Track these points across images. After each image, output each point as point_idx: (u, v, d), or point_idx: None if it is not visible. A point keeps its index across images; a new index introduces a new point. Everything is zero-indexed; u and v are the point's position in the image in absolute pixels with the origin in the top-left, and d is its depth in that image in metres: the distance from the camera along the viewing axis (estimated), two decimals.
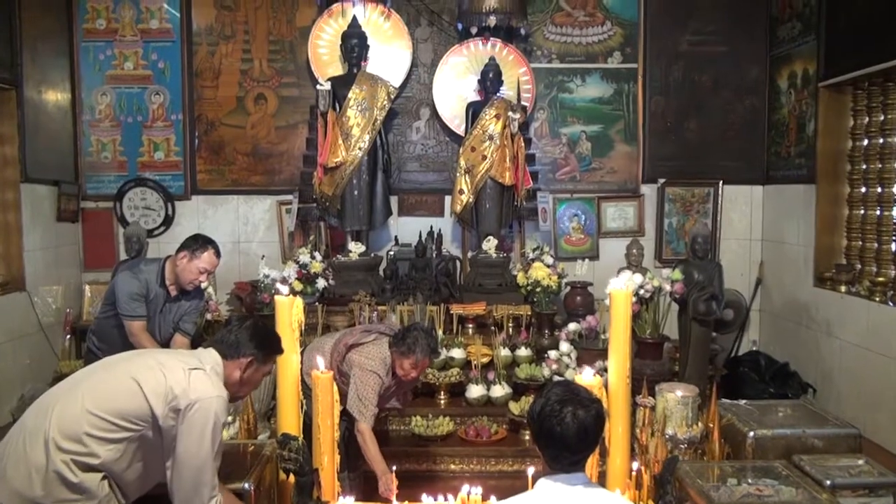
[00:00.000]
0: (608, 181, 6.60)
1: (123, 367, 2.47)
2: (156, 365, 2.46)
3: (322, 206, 5.83)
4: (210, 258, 3.88)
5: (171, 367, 2.46)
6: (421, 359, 3.55)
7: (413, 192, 6.51)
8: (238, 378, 2.62)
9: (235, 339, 2.63)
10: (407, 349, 3.55)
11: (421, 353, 3.54)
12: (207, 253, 3.87)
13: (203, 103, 6.47)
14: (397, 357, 3.58)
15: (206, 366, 2.53)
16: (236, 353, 2.62)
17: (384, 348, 3.64)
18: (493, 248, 5.85)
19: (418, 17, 6.46)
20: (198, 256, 3.85)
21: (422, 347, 3.54)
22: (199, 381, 2.45)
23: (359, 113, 5.73)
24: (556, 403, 2.15)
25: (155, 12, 6.42)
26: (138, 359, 2.54)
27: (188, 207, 6.48)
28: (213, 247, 3.90)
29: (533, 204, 6.05)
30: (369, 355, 3.61)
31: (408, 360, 3.55)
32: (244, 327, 2.66)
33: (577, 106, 6.57)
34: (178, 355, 2.58)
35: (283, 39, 6.48)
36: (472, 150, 5.86)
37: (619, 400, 2.98)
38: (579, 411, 2.14)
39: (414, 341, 3.55)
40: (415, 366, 3.57)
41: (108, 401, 2.37)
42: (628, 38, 6.55)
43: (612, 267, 5.89)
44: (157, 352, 2.67)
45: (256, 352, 2.65)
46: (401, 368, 3.59)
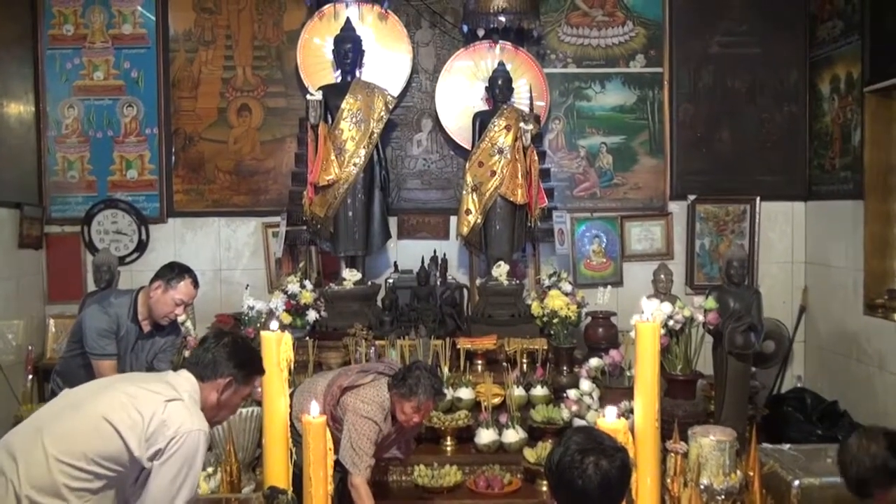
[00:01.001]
0: (632, 198, 6.61)
1: (91, 407, 2.45)
2: (128, 401, 2.45)
3: (313, 229, 5.84)
4: (187, 288, 3.90)
5: (145, 401, 2.45)
6: (424, 401, 3.54)
7: (414, 213, 6.53)
8: (215, 401, 2.62)
9: (212, 359, 2.63)
10: (408, 391, 3.53)
11: (424, 394, 3.52)
12: (184, 283, 3.89)
13: (181, 116, 6.51)
14: (397, 400, 3.57)
15: (182, 394, 2.52)
16: (213, 373, 2.62)
17: (382, 390, 3.62)
18: (504, 275, 5.85)
19: (419, 18, 6.51)
20: (173, 287, 3.87)
21: (424, 388, 3.52)
22: (178, 414, 2.45)
23: (353, 125, 5.76)
24: (577, 453, 2.14)
25: (128, 16, 6.49)
26: (106, 395, 2.52)
27: (164, 231, 6.50)
28: (190, 276, 3.92)
29: (548, 224, 6.06)
30: (365, 399, 3.59)
31: (409, 403, 3.54)
32: (222, 345, 2.66)
33: (597, 115, 6.60)
34: (150, 384, 2.57)
35: (269, 45, 6.53)
36: (480, 165, 5.88)
37: (647, 446, 2.96)
38: (602, 462, 2.13)
39: (416, 382, 3.53)
40: (417, 409, 3.56)
41: (78, 445, 2.36)
42: (652, 40, 6.59)
43: (638, 294, 5.84)
44: (126, 383, 2.66)
45: (236, 371, 2.65)
46: (402, 413, 3.57)
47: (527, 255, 6.34)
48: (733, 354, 4.94)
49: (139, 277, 6.02)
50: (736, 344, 4.91)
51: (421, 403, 3.54)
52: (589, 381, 4.97)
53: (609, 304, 5.88)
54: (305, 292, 5.61)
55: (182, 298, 3.89)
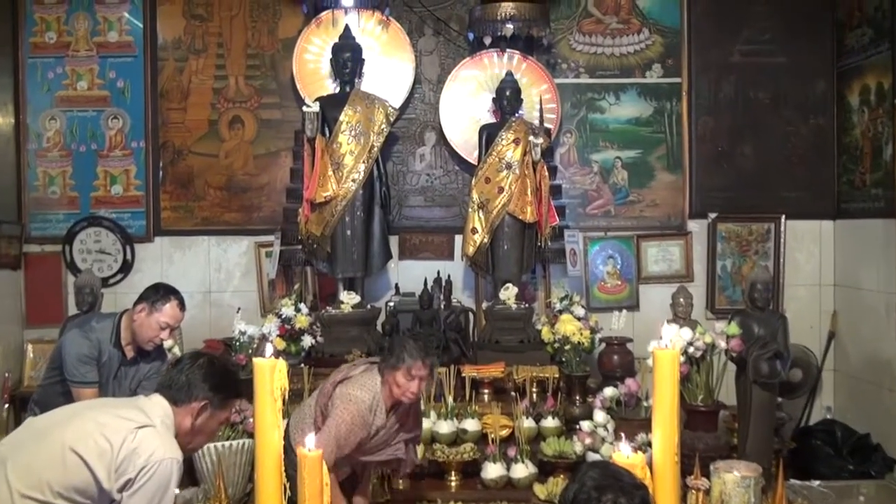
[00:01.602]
0: (649, 216, 6.62)
1: (58, 436, 2.44)
2: (95, 429, 2.44)
3: (309, 249, 5.85)
4: (173, 311, 3.90)
5: (114, 429, 2.44)
6: (412, 364, 3.66)
7: (417, 232, 6.54)
8: (189, 426, 2.61)
9: (186, 381, 2.64)
10: (396, 360, 3.68)
11: (410, 357, 3.66)
12: (169, 305, 3.89)
13: (169, 128, 6.54)
14: (390, 375, 3.70)
15: (154, 420, 2.51)
16: (188, 396, 2.62)
17: (374, 376, 3.76)
18: (512, 298, 5.84)
19: (422, 25, 6.55)
20: (158, 309, 3.87)
21: (410, 352, 3.67)
22: (150, 442, 2.44)
23: (352, 138, 5.78)
24: (594, 490, 2.13)
25: (114, 23, 6.54)
26: (73, 423, 2.52)
27: (150, 251, 6.52)
28: (176, 297, 3.92)
29: (559, 244, 6.06)
30: (355, 384, 3.73)
31: (399, 372, 3.67)
32: (196, 366, 2.67)
33: (611, 128, 6.62)
34: (120, 410, 2.57)
35: (263, 53, 6.57)
36: (487, 181, 5.89)
37: (666, 482, 2.94)
38: (621, 499, 2.11)
39: (401, 349, 3.69)
40: (409, 375, 3.67)
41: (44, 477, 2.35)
42: (670, 48, 6.62)
43: (656, 319, 5.83)
44: (94, 410, 2.66)
45: (211, 395, 2.65)
46: (397, 387, 3.69)
47: (536, 276, 6.34)
48: (758, 384, 4.92)
49: (124, 300, 6.03)
50: (761, 372, 4.90)
51: (411, 367, 3.66)
52: (603, 411, 4.95)
53: (625, 330, 5.87)
54: (301, 316, 5.61)
55: (167, 321, 3.89)
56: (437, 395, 5.24)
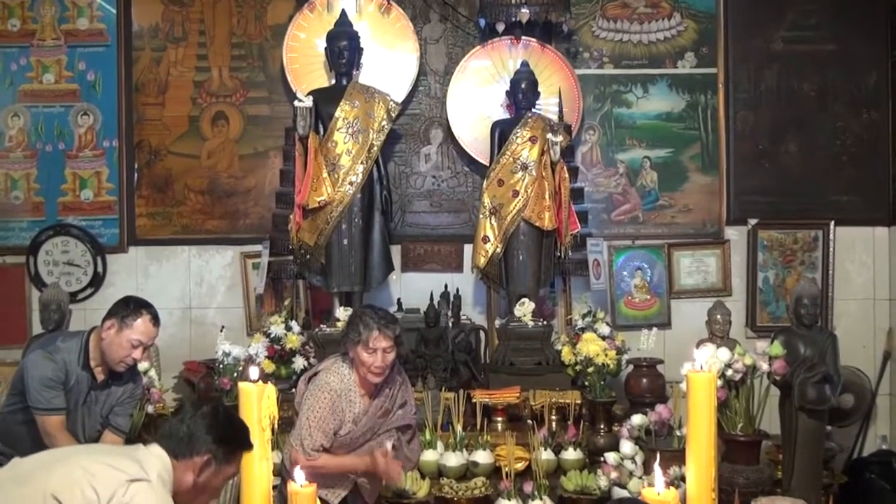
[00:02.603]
0: (681, 223, 6.61)
1: (41, 481, 2.45)
2: (83, 477, 2.44)
3: (301, 260, 5.85)
4: (145, 326, 3.90)
5: (103, 479, 2.44)
6: (369, 335, 3.77)
7: (421, 241, 6.55)
8: (191, 483, 2.62)
9: (188, 432, 2.64)
10: (355, 334, 3.81)
11: (367, 328, 3.78)
12: (141, 320, 3.89)
13: (145, 126, 6.57)
14: (354, 353, 3.82)
15: (150, 473, 2.51)
16: (189, 450, 2.62)
17: (341, 363, 3.93)
18: (528, 315, 5.84)
19: (427, 11, 6.57)
20: (128, 325, 3.87)
21: (366, 323, 3.80)
22: (143, 499, 2.43)
23: (349, 137, 5.80)
24: None
25: (84, 9, 6.57)
26: (59, 468, 2.53)
27: (124, 263, 6.53)
28: (148, 312, 3.92)
29: (582, 254, 6.06)
30: (324, 371, 3.90)
31: (360, 346, 3.79)
32: (199, 415, 2.67)
33: (638, 124, 6.63)
34: (113, 458, 2.57)
35: (249, 42, 6.60)
36: (500, 183, 5.90)
37: None
38: None
39: (356, 321, 3.85)
40: (369, 349, 3.77)
41: None
42: (704, 35, 6.62)
43: (689, 338, 5.83)
44: (83, 456, 2.68)
45: (215, 448, 2.65)
46: (363, 365, 3.81)
47: (556, 290, 6.33)
48: (805, 410, 4.90)
49: (94, 317, 5.97)
50: (808, 398, 4.88)
51: (368, 339, 3.76)
52: (631, 442, 4.94)
53: (655, 350, 5.85)
54: (291, 335, 5.61)
55: (139, 339, 3.88)
56: (445, 423, 5.23)
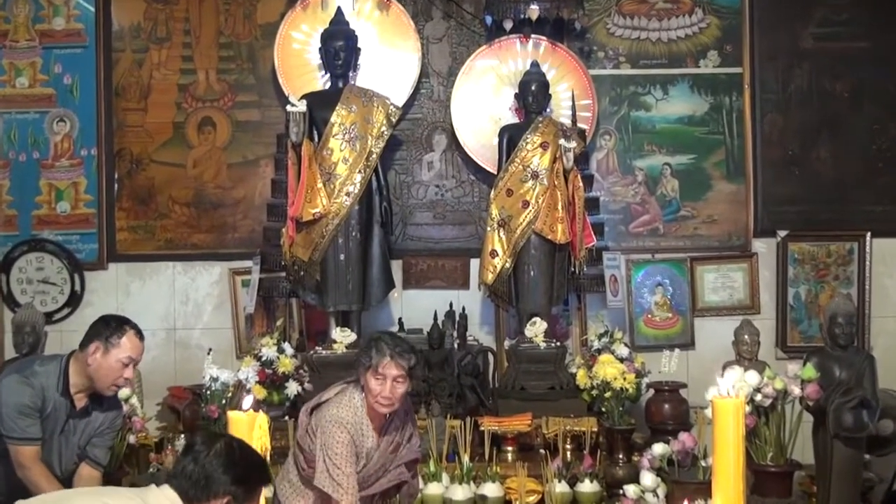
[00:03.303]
0: (705, 235, 6.62)
1: None
2: None
3: (294, 277, 5.86)
4: (133, 342, 3.90)
5: None
6: (380, 361, 3.78)
7: (424, 255, 6.56)
8: None
9: (204, 473, 2.61)
10: (366, 359, 3.81)
11: (379, 353, 3.78)
12: (126, 336, 3.89)
13: (126, 133, 6.58)
14: (365, 380, 3.82)
15: None
16: (206, 492, 2.60)
17: (352, 393, 3.90)
18: (540, 335, 5.84)
19: (429, 8, 6.60)
20: (115, 344, 3.87)
21: (379, 348, 3.80)
22: None
23: (346, 143, 5.81)
24: None
25: (60, 7, 6.59)
26: None
27: (103, 280, 6.55)
28: (131, 326, 3.93)
29: (597, 269, 6.06)
30: (334, 404, 3.88)
31: (369, 373, 3.79)
32: (214, 454, 2.64)
33: (658, 128, 6.64)
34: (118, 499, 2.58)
35: (238, 42, 6.63)
36: (509, 193, 5.90)
37: None
38: None
39: (371, 345, 3.85)
40: (380, 375, 3.78)
41: None
42: (728, 32, 6.64)
43: (715, 360, 5.84)
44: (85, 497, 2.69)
45: (234, 489, 2.63)
46: (371, 394, 3.81)
47: (570, 309, 6.34)
48: (840, 438, 4.90)
49: (71, 339, 5.95)
50: (844, 424, 4.88)
51: (378, 365, 3.77)
52: (652, 473, 4.94)
53: (677, 373, 5.83)
54: (284, 358, 5.60)
55: (129, 356, 3.88)
56: (451, 454, 5.23)
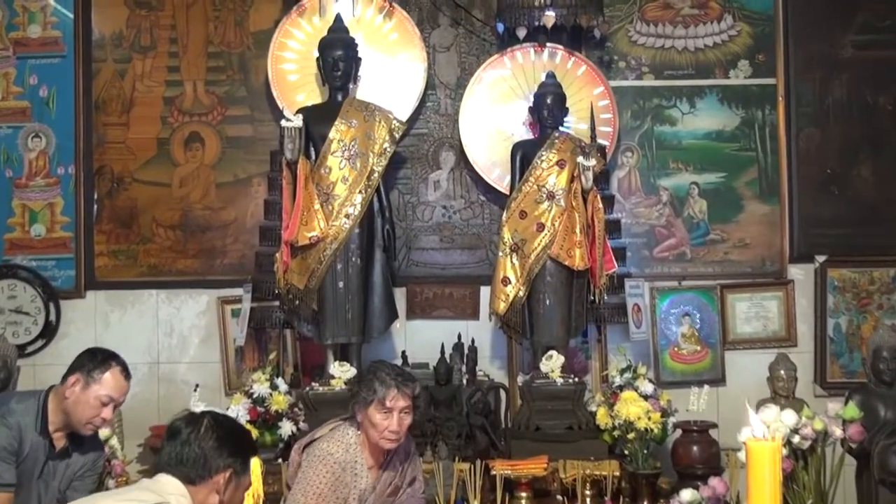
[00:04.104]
0: (736, 260, 6.63)
1: None
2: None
3: (289, 306, 5.86)
4: (116, 380, 3.91)
5: None
6: (386, 393, 3.86)
7: (430, 282, 6.57)
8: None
9: (200, 453, 2.79)
10: (367, 392, 3.89)
11: (383, 385, 3.87)
12: (110, 372, 3.90)
13: (107, 149, 6.61)
14: (364, 415, 3.90)
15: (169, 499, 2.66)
16: (207, 470, 2.78)
17: (345, 430, 3.99)
18: (557, 370, 5.83)
19: (436, 14, 6.62)
20: (96, 379, 3.88)
21: (382, 379, 3.91)
22: None
23: (346, 161, 5.82)
24: None
25: (36, 14, 6.62)
26: None
27: (81, 310, 6.56)
28: (118, 363, 3.95)
29: (619, 298, 6.07)
30: (326, 439, 3.97)
31: (372, 407, 3.86)
32: (204, 432, 2.82)
33: (684, 144, 6.66)
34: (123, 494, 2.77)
35: (229, 51, 6.66)
36: (523, 215, 5.92)
37: None
38: None
39: (371, 377, 3.95)
40: (384, 409, 3.84)
41: None
42: (761, 40, 6.67)
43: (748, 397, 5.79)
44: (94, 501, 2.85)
45: (232, 461, 2.83)
46: (373, 429, 3.88)
47: (589, 341, 6.34)
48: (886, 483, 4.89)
49: (45, 374, 6.02)
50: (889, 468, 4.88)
51: (385, 397, 3.84)
52: None
53: (707, 412, 5.81)
54: (278, 395, 5.59)
55: (110, 395, 3.89)
56: (459, 499, 5.23)
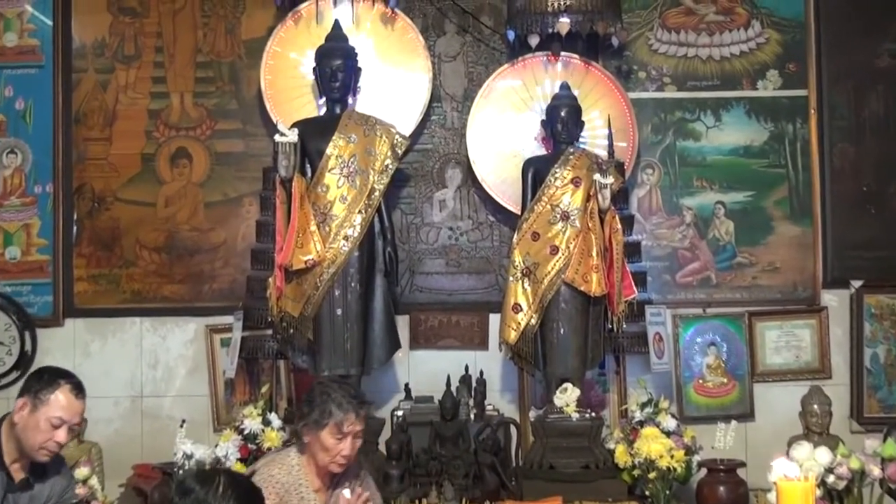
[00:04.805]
0: (765, 285, 6.63)
1: None
2: None
3: (283, 335, 5.86)
4: (66, 399, 3.89)
5: None
6: (343, 417, 3.90)
7: (435, 310, 6.57)
8: None
9: None
10: (319, 415, 3.91)
11: (339, 409, 3.93)
12: (59, 391, 3.88)
13: (87, 166, 6.62)
14: (313, 439, 3.93)
15: None
16: None
17: (288, 454, 4.05)
18: (572, 404, 5.82)
19: (442, 21, 6.65)
20: (44, 400, 3.86)
21: (338, 402, 3.93)
22: None
23: (345, 179, 5.83)
24: None
25: (12, 20, 6.64)
26: None
27: (59, 338, 6.56)
28: (68, 381, 3.92)
29: (639, 326, 6.07)
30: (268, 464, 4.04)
31: (326, 431, 3.90)
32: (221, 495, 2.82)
33: (709, 161, 6.67)
34: None
35: (219, 61, 6.68)
36: (535, 237, 5.92)
37: None
38: None
39: (324, 399, 3.96)
40: (340, 433, 3.90)
41: None
42: (791, 48, 6.68)
43: (778, 434, 5.83)
44: None
45: None
46: (324, 452, 3.93)
47: (607, 373, 6.34)
48: None
49: None
50: None
51: (342, 422, 3.89)
52: None
53: (735, 450, 5.80)
54: (270, 431, 5.59)
55: (60, 416, 3.86)
56: None
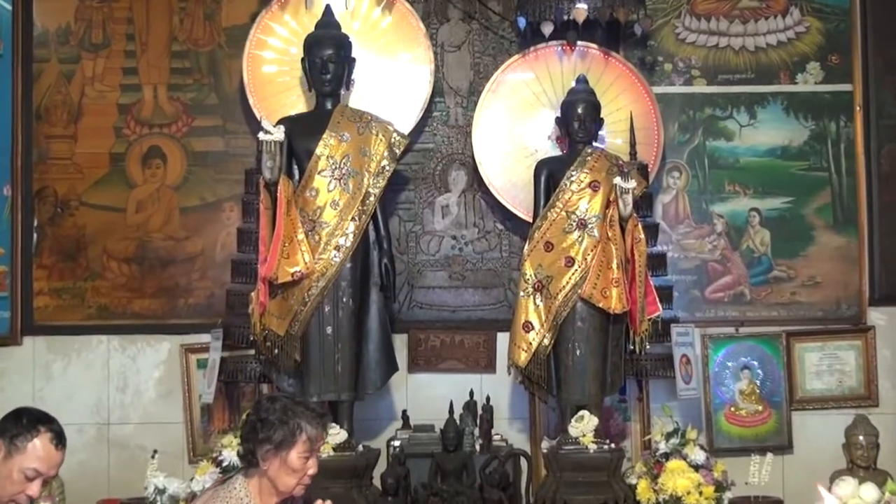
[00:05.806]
0: (805, 303, 6.64)
1: None
2: None
3: (266, 356, 5.86)
4: (45, 449, 3.89)
5: None
6: (315, 434, 3.89)
7: (437, 328, 6.58)
8: None
9: None
10: (288, 433, 3.84)
11: (310, 425, 3.87)
12: (38, 440, 3.88)
13: (50, 167, 6.64)
14: (275, 461, 3.86)
15: None
16: None
17: (236, 484, 3.97)
18: (589, 434, 5.83)
19: (445, 7, 6.68)
20: (20, 448, 3.87)
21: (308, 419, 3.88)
22: None
23: (336, 182, 5.83)
24: None
25: None
26: None
27: (17, 359, 6.56)
28: (49, 429, 3.92)
29: (664, 347, 6.07)
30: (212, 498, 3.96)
31: (295, 449, 3.85)
32: None
33: (742, 163, 6.69)
34: None
35: (197, 50, 6.70)
36: (549, 247, 5.93)
37: None
38: None
39: (290, 416, 3.87)
40: (311, 449, 3.88)
41: None
42: (835, 38, 6.70)
43: (820, 468, 5.82)
44: None
45: None
46: (289, 474, 3.87)
47: (629, 399, 6.34)
48: None
49: None
50: None
51: (315, 436, 3.87)
52: None
53: (771, 486, 5.81)
54: None
55: (35, 467, 3.87)
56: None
